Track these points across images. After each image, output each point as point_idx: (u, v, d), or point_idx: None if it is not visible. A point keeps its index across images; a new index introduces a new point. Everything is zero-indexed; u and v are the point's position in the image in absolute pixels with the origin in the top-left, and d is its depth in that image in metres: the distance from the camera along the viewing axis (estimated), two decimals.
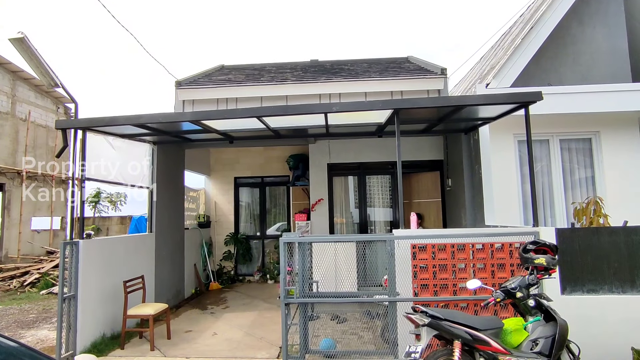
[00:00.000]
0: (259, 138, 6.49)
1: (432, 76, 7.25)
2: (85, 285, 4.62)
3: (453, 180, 6.96)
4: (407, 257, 4.28)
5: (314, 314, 5.92)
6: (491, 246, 4.27)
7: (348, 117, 5.12)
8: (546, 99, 5.96)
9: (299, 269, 4.33)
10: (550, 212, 6.36)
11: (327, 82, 7.26)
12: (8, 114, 13.16)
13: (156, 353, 4.63)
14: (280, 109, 4.37)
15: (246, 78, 8.11)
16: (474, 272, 4.28)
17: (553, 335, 3.15)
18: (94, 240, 4.78)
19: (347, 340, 4.91)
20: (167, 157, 6.77)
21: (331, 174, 7.65)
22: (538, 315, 3.30)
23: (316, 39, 65.89)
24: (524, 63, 6.09)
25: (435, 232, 4.54)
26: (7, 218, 12.93)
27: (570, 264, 4.20)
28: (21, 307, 8.06)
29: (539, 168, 6.38)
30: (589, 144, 6.40)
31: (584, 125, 6.27)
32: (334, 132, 6.36)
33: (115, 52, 73.32)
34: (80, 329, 4.52)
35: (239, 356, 4.51)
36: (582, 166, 6.41)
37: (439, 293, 4.25)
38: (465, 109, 4.76)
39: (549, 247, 3.43)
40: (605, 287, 4.18)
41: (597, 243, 4.20)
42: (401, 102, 4.33)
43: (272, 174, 9.29)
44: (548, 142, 6.41)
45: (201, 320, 5.99)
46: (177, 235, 7.20)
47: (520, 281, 3.36)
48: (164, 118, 4.38)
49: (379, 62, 9.38)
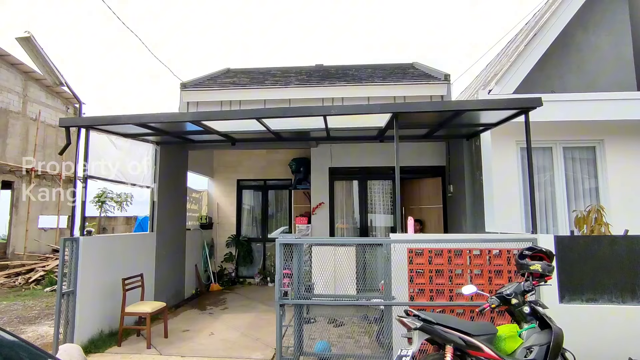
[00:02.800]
0: (260, 140, 6.54)
1: (435, 82, 7.25)
2: (84, 281, 4.67)
3: (454, 186, 6.93)
4: (403, 262, 4.26)
5: (311, 318, 5.92)
6: (489, 252, 4.24)
7: (348, 120, 5.14)
8: (549, 107, 5.95)
9: (294, 270, 4.33)
10: (552, 220, 6.29)
11: (330, 87, 7.29)
12: (19, 114, 13.44)
13: (152, 351, 4.65)
14: (280, 110, 4.41)
15: (250, 81, 8.19)
16: (470, 278, 4.25)
17: (548, 342, 3.11)
18: (94, 237, 4.85)
19: (343, 343, 4.89)
20: (169, 157, 6.85)
21: (332, 178, 7.66)
22: (533, 322, 3.26)
23: (329, 46, 66.70)
24: (527, 70, 6.07)
25: (432, 236, 4.53)
26: (15, 216, 13.16)
27: (569, 272, 4.15)
28: (25, 303, 8.15)
29: (546, 177, 6.33)
30: (593, 152, 6.34)
31: (588, 133, 6.22)
32: (335, 136, 6.39)
33: (122, 54, 74.27)
34: (78, 325, 4.56)
35: (234, 356, 4.52)
36: (585, 174, 6.35)
37: (435, 298, 4.22)
38: (465, 115, 4.76)
39: (545, 253, 3.40)
40: (605, 296, 4.12)
41: (597, 252, 4.14)
42: (400, 106, 4.35)
43: (274, 177, 9.32)
44: (551, 149, 6.36)
45: (199, 320, 6.01)
46: (178, 235, 7.25)
47: (516, 287, 3.33)
48: (165, 118, 4.45)
49: (384, 67, 9.41)
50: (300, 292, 4.32)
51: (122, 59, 71.41)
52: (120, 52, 73.89)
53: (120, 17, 6.64)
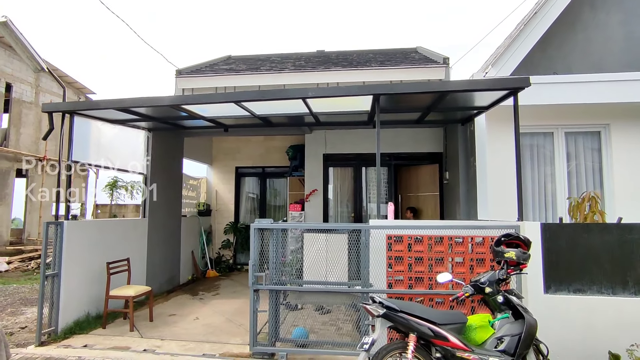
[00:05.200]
0: (251, 126, 6.47)
1: (433, 65, 7.00)
2: (70, 265, 4.76)
3: (450, 173, 6.71)
4: (382, 248, 4.15)
5: (297, 304, 5.89)
6: (471, 240, 4.08)
7: (333, 104, 5.01)
8: (550, 89, 5.65)
9: (270, 256, 4.29)
10: (552, 209, 6.01)
11: (325, 72, 7.14)
12: (32, 104, 13.79)
13: (134, 334, 4.72)
14: (257, 93, 4.32)
15: (246, 68, 8.11)
16: (451, 266, 4.10)
17: (520, 333, 2.97)
18: (79, 222, 4.92)
19: (324, 331, 4.84)
20: (163, 144, 6.87)
21: (327, 164, 7.55)
22: (507, 312, 3.11)
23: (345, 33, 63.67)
24: (526, 51, 5.76)
25: (411, 222, 4.38)
26: (29, 203, 13.62)
27: (556, 261, 3.94)
28: (32, 286, 8.44)
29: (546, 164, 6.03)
30: (598, 138, 6.00)
31: (592, 117, 5.88)
32: (326, 122, 6.25)
33: (119, 43, 73.97)
34: (63, 307, 4.66)
35: (211, 340, 4.53)
36: (589, 161, 6.01)
37: (414, 286, 4.10)
38: (452, 97, 4.55)
39: (522, 241, 3.24)
40: (594, 287, 3.90)
41: (587, 240, 3.92)
42: (379, 87, 4.18)
43: (273, 165, 9.27)
44: (552, 134, 6.05)
45: (188, 305, 6.08)
46: (172, 221, 7.31)
47: (490, 276, 3.19)
48: (144, 102, 4.42)
49: (386, 53, 9.17)
50: (276, 278, 4.27)
51: (120, 49, 70.87)
52: (117, 41, 73.01)
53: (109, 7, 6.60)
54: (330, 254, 4.63)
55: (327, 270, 4.56)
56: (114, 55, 47.23)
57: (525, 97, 5.41)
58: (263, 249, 4.16)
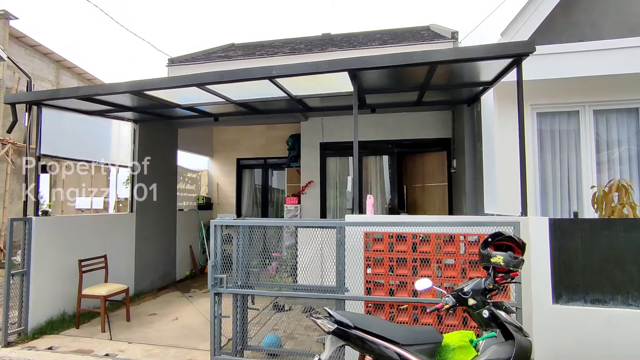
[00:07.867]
0: (239, 114, 6.03)
1: (440, 41, 6.29)
2: (40, 262, 4.58)
3: (457, 161, 5.98)
4: (359, 248, 3.61)
5: (285, 305, 5.48)
6: (464, 238, 3.45)
7: (311, 86, 4.47)
8: (575, 58, 4.78)
9: (234, 255, 3.87)
10: (577, 201, 5.16)
11: (320, 53, 6.60)
12: None
13: (105, 335, 4.48)
14: (217, 75, 3.86)
15: (243, 54, 7.69)
16: (439, 269, 3.49)
17: (508, 358, 2.37)
18: (50, 217, 4.73)
19: (304, 337, 4.39)
20: (152, 136, 6.61)
21: (324, 154, 7.00)
22: (494, 330, 2.51)
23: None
24: (543, 16, 4.91)
25: (390, 218, 3.80)
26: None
27: (569, 264, 3.24)
28: None
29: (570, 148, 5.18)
30: (636, 116, 5.06)
31: (628, 91, 4.93)
32: (316, 107, 5.69)
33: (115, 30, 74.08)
34: (33, 306, 4.49)
35: (181, 345, 4.21)
36: (624, 145, 5.10)
37: (395, 292, 3.54)
38: (446, 71, 3.88)
39: (515, 242, 2.59)
40: (618, 297, 3.17)
41: (610, 239, 3.18)
42: (351, 61, 3.59)
43: (274, 155, 8.82)
44: (578, 113, 5.16)
45: (174, 303, 5.81)
46: (165, 216, 7.08)
47: (475, 284, 2.59)
48: (102, 90, 4.11)
49: (394, 32, 8.45)
50: (239, 279, 3.85)
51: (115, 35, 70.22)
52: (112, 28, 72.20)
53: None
54: (326, 253, 4.14)
55: (322, 269, 4.08)
56: (114, 46, 47.01)
57: (543, 70, 4.62)
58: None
